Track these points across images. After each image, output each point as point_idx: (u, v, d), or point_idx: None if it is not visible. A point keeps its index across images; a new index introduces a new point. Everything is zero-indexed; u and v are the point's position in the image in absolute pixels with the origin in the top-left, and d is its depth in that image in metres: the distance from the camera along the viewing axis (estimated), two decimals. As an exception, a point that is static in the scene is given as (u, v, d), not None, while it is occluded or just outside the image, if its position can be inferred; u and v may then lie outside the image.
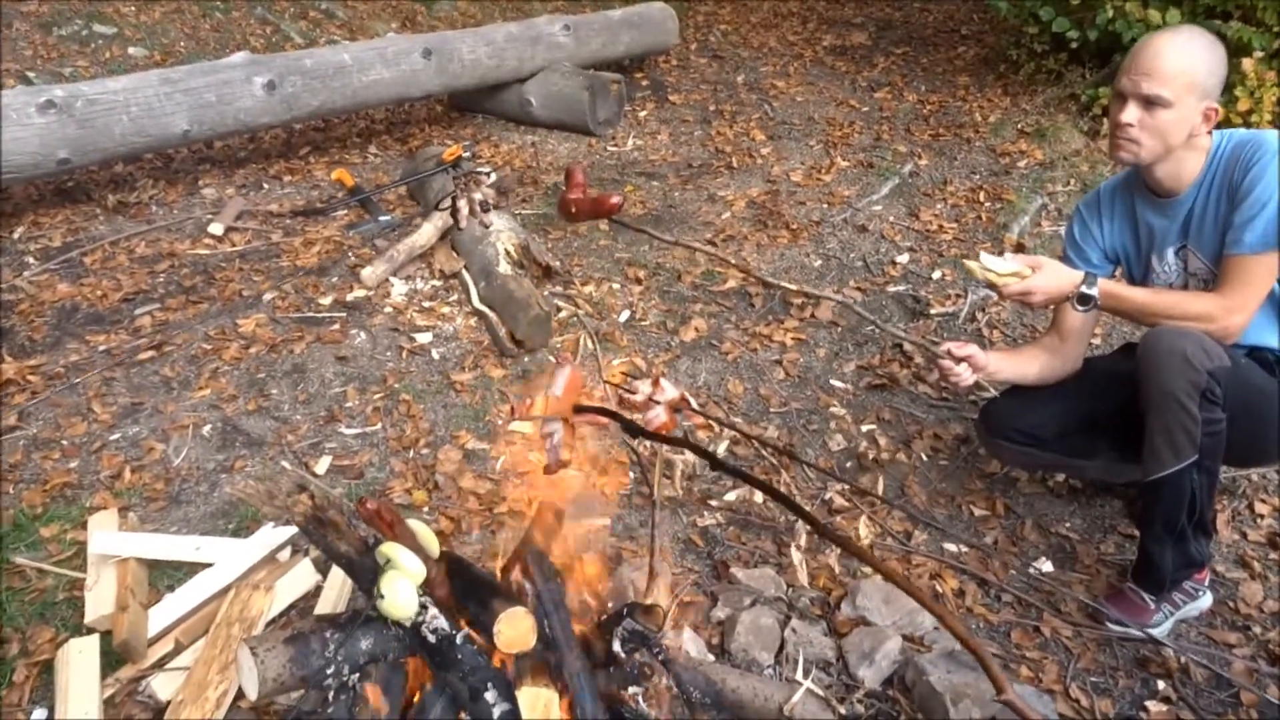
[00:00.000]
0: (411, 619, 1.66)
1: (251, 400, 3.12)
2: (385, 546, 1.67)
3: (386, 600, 1.62)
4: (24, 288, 3.73)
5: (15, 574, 2.38)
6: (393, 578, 1.62)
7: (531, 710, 1.59)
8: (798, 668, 2.14)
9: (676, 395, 1.90)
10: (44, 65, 5.65)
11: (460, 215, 3.90)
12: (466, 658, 1.69)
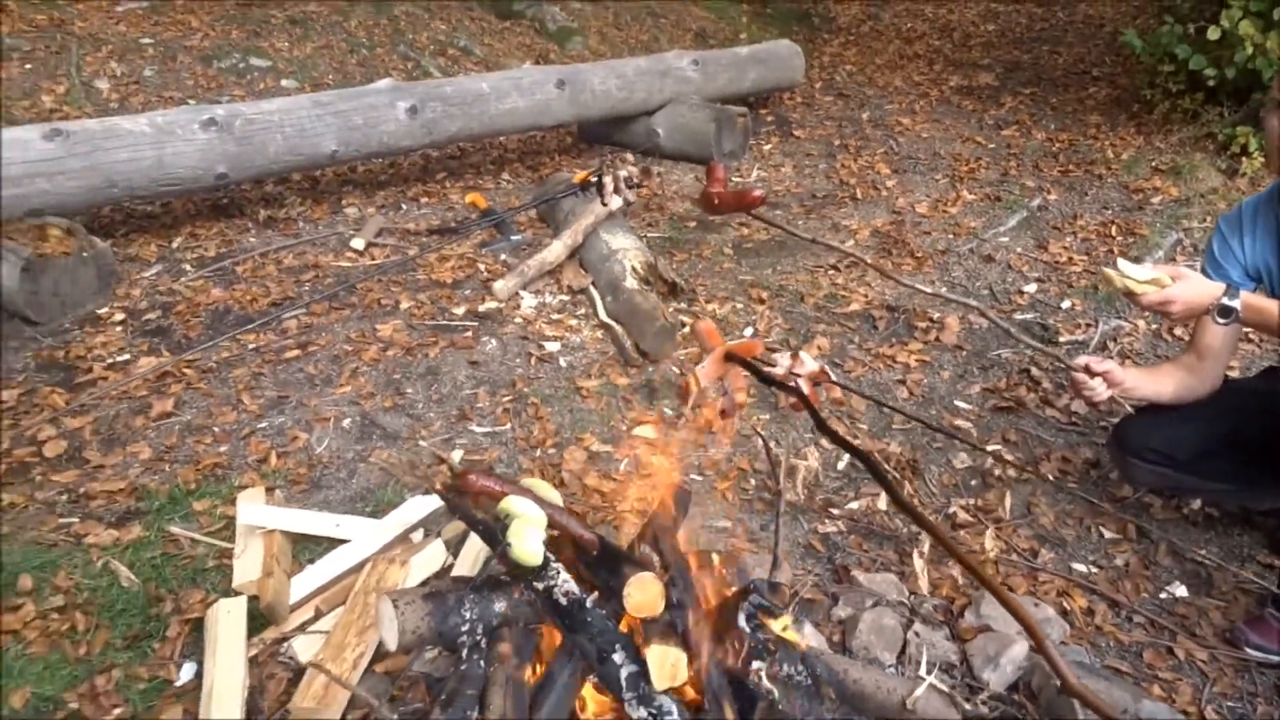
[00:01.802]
0: (539, 563, 1.71)
1: (388, 398, 3.25)
2: (504, 502, 1.73)
3: (514, 548, 1.68)
4: (181, 291, 3.98)
5: (170, 542, 2.53)
6: (518, 526, 1.68)
7: (660, 667, 1.62)
8: (920, 668, 2.11)
9: (816, 368, 1.92)
10: (204, 94, 6.04)
11: (606, 191, 4.04)
12: (595, 621, 1.73)
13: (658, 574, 1.74)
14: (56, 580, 2.37)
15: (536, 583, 1.80)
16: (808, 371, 1.92)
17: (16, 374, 3.35)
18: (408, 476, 2.80)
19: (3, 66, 5.88)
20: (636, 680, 1.66)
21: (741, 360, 1.88)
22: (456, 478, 1.87)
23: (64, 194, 3.91)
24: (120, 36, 6.58)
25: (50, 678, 2.12)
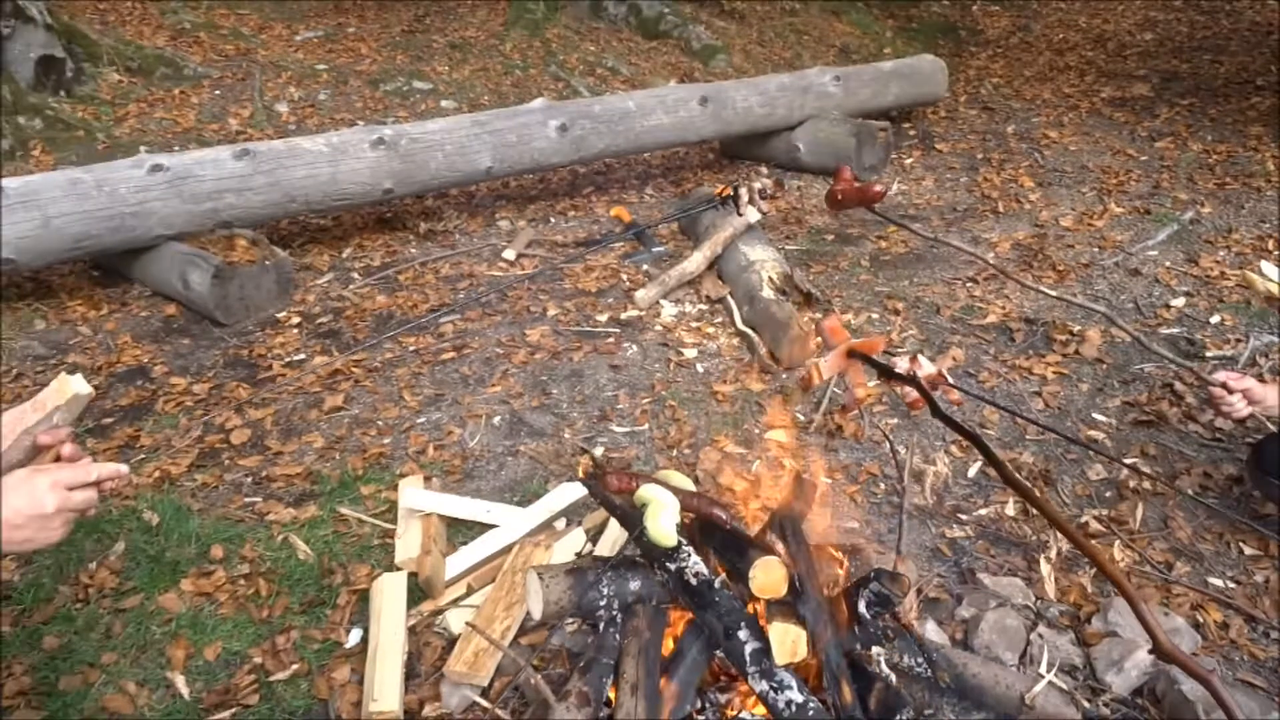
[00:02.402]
0: (673, 544, 1.85)
1: (535, 398, 3.47)
2: (640, 490, 1.88)
3: (650, 529, 1.83)
4: (350, 297, 4.31)
5: (340, 521, 2.79)
6: (653, 510, 1.83)
7: (781, 643, 1.74)
8: (1041, 667, 2.16)
9: (934, 371, 2.01)
10: (371, 115, 6.47)
11: (741, 201, 4.17)
12: (723, 601, 1.87)
13: (782, 559, 1.86)
14: (243, 551, 2.66)
15: (669, 564, 1.95)
16: (925, 374, 2.01)
17: (208, 370, 3.72)
18: (552, 464, 2.99)
19: (196, 92, 6.45)
20: (760, 656, 1.78)
21: (863, 356, 1.98)
22: (597, 469, 2.04)
23: (250, 208, 4.30)
24: (298, 63, 7.11)
25: (238, 635, 2.38)
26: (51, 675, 2.26)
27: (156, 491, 2.93)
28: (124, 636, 2.38)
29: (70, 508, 1.45)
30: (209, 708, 2.19)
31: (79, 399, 1.53)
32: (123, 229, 4.02)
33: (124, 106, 6.13)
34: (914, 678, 1.96)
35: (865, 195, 4.16)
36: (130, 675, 2.27)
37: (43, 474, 1.44)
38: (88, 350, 3.87)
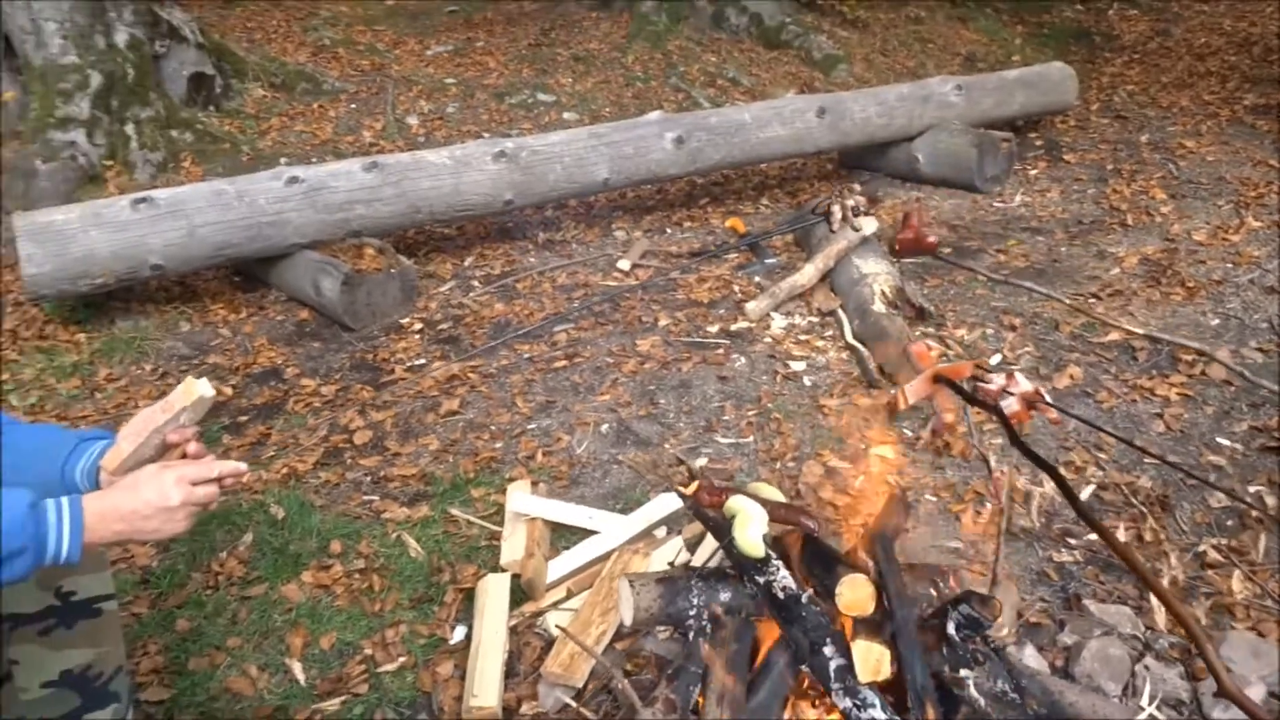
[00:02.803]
0: (760, 555, 1.88)
1: (643, 407, 3.53)
2: (730, 501, 1.92)
3: (738, 539, 1.86)
4: (470, 305, 4.46)
5: (450, 522, 2.91)
6: (741, 520, 1.87)
7: (864, 661, 1.75)
8: (1144, 700, 2.10)
9: (1030, 389, 1.98)
10: (496, 127, 6.67)
11: (833, 219, 4.17)
12: (810, 616, 1.88)
13: (870, 577, 1.87)
14: (360, 547, 2.80)
15: (758, 577, 1.97)
16: (1021, 392, 1.98)
17: (335, 373, 3.91)
18: (650, 474, 3.05)
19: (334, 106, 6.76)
20: (844, 672, 1.80)
21: (949, 382, 1.97)
22: (692, 481, 2.09)
23: (379, 218, 4.50)
24: (429, 77, 7.37)
25: (351, 626, 2.51)
26: (182, 656, 2.43)
27: (283, 487, 3.10)
28: (248, 623, 2.54)
29: (193, 501, 1.57)
30: (322, 694, 2.32)
31: (204, 401, 1.66)
32: (260, 237, 4.26)
33: (267, 120, 6.47)
34: (1005, 703, 1.93)
35: (919, 245, 4.21)
36: (252, 659, 2.42)
37: (170, 469, 1.57)
38: (227, 351, 4.11)
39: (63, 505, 1.51)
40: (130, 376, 3.92)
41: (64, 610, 1.80)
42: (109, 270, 4.02)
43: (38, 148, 5.38)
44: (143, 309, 4.38)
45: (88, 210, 4.04)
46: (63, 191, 5.21)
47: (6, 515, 1.46)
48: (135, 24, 6.04)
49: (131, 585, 2.69)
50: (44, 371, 3.90)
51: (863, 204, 4.29)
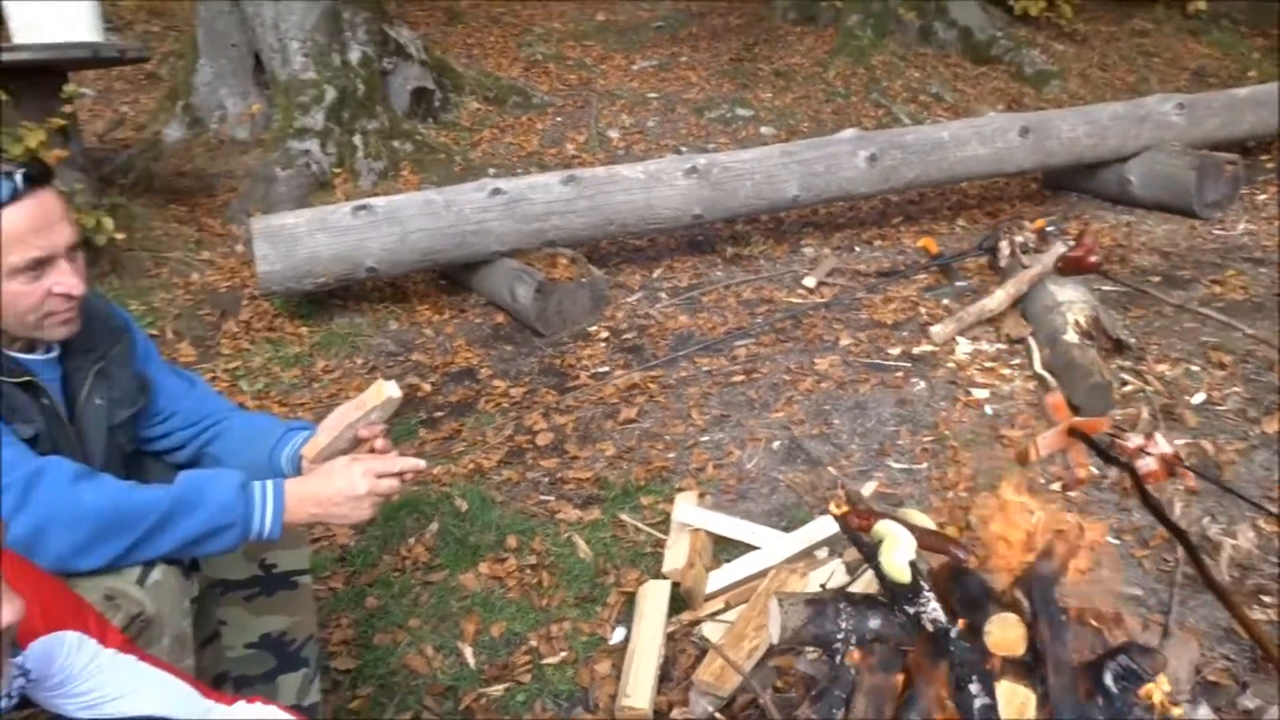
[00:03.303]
0: (906, 580, 1.88)
1: (816, 427, 3.55)
2: (877, 526, 1.93)
3: (884, 563, 1.88)
4: (655, 316, 4.59)
5: (619, 527, 3.03)
6: (888, 545, 1.88)
7: (1009, 703, 1.73)
8: (1328, 774, 1.97)
9: (1169, 451, 1.91)
10: (693, 141, 6.80)
11: (1001, 254, 4.04)
12: (958, 651, 1.87)
13: (1023, 617, 1.84)
14: (533, 544, 2.96)
15: (908, 607, 1.98)
16: (1160, 453, 1.91)
17: (524, 375, 4.12)
18: (808, 495, 3.07)
19: (541, 119, 7.08)
20: (988, 712, 1.78)
21: (1084, 436, 1.92)
22: (846, 502, 2.11)
23: (573, 229, 4.70)
24: (632, 91, 7.60)
25: (520, 618, 2.67)
26: (369, 630, 2.65)
27: (469, 482, 3.31)
28: (428, 606, 2.74)
29: (378, 492, 1.74)
30: (489, 679, 2.48)
31: (392, 401, 1.83)
32: (464, 244, 4.53)
33: (479, 132, 6.85)
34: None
35: (1081, 264, 4.00)
36: (429, 640, 2.61)
37: (358, 462, 1.74)
38: (428, 350, 4.40)
39: (267, 488, 1.71)
40: (343, 369, 4.26)
41: (266, 580, 2.02)
42: (330, 271, 4.38)
43: (277, 156, 5.91)
44: (358, 307, 4.74)
45: (315, 216, 4.43)
46: (296, 196, 5.70)
47: (221, 494, 1.67)
48: (367, 43, 6.53)
49: (330, 562, 2.94)
50: (270, 360, 4.30)
51: (1032, 239, 4.14)
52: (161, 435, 2.01)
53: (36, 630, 1.27)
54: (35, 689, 1.32)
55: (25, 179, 1.57)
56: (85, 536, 1.55)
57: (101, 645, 1.37)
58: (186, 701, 1.44)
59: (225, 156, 6.38)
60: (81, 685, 1.35)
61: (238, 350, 4.39)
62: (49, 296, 1.61)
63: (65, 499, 1.54)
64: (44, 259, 1.59)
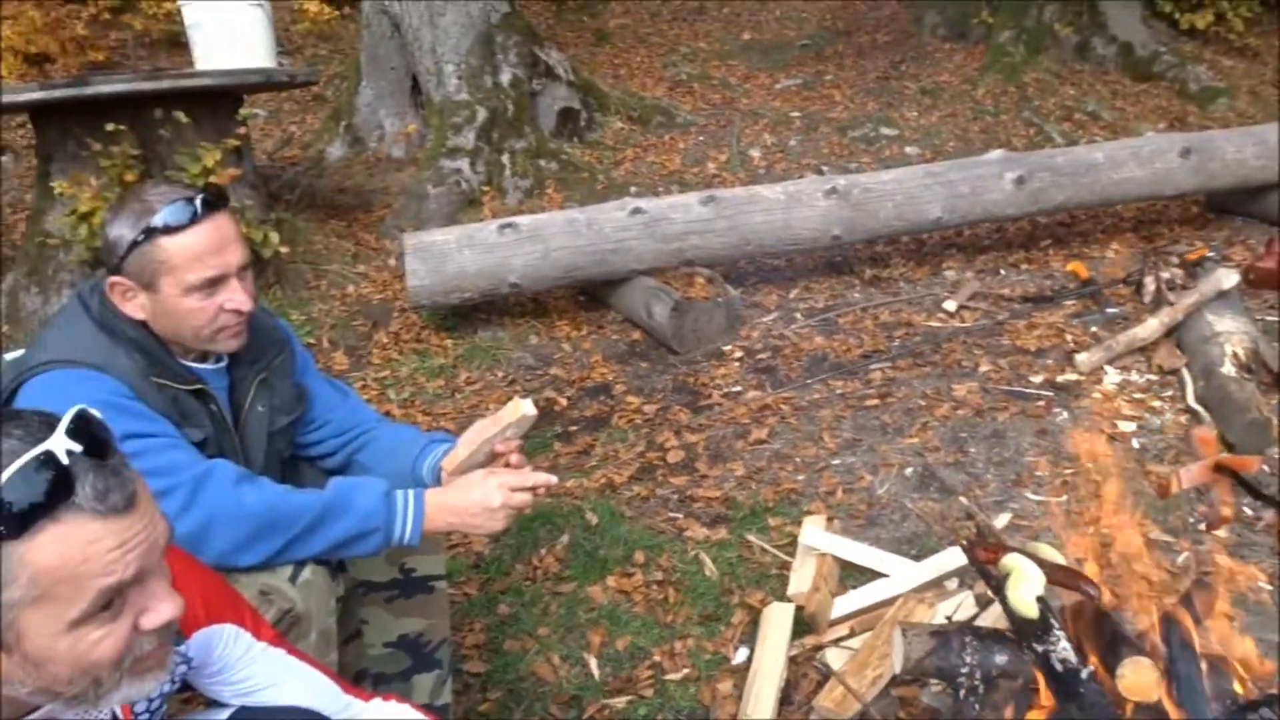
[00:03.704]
0: (1033, 616, 1.85)
1: (951, 454, 3.48)
2: (1006, 559, 1.90)
3: (1010, 598, 1.84)
4: (790, 336, 4.59)
5: (746, 547, 3.05)
6: (1015, 579, 1.84)
7: (1138, 750, 1.68)
8: None
9: None
10: (835, 160, 6.77)
11: (1145, 290, 3.88)
12: (1089, 694, 1.82)
13: (1158, 661, 1.78)
14: (660, 560, 3.01)
15: (1036, 645, 1.93)
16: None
17: (658, 393, 4.18)
18: (937, 525, 3.01)
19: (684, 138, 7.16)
20: (1117, 757, 1.73)
21: (1233, 472, 1.83)
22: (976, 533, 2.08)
23: (711, 249, 4.75)
24: (774, 111, 7.61)
25: (645, 633, 2.72)
26: (499, 636, 2.74)
27: (600, 496, 3.38)
28: (557, 616, 2.82)
29: (511, 505, 1.82)
30: (612, 691, 2.53)
31: (527, 419, 1.91)
32: (604, 263, 4.64)
33: (622, 151, 6.98)
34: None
35: (1277, 276, 3.76)
36: (556, 649, 2.69)
37: (494, 475, 1.83)
38: (566, 365, 4.52)
39: (409, 497, 1.81)
40: (485, 381, 4.42)
41: (405, 584, 2.13)
42: (475, 286, 4.56)
43: (430, 174, 6.17)
44: (500, 321, 4.90)
45: (462, 233, 4.61)
46: (446, 213, 5.94)
47: (367, 501, 1.78)
48: (518, 65, 6.76)
49: (466, 568, 3.06)
50: (417, 371, 4.50)
51: (1179, 278, 3.95)
52: (315, 442, 2.15)
53: (199, 621, 1.38)
54: (195, 675, 1.43)
55: (204, 204, 1.72)
56: (245, 535, 1.68)
57: (255, 638, 1.47)
58: (328, 695, 1.54)
59: (382, 174, 6.71)
60: (236, 674, 1.46)
61: (387, 360, 4.60)
62: (221, 312, 1.75)
63: (229, 499, 1.68)
64: (217, 278, 1.73)
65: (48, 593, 0.99)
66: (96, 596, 1.01)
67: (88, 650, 1.03)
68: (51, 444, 0.99)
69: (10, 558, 0.96)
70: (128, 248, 1.70)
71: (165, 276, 1.70)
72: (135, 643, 1.08)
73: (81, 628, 1.02)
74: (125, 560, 1.02)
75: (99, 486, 1.01)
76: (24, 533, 0.96)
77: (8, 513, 0.95)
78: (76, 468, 0.99)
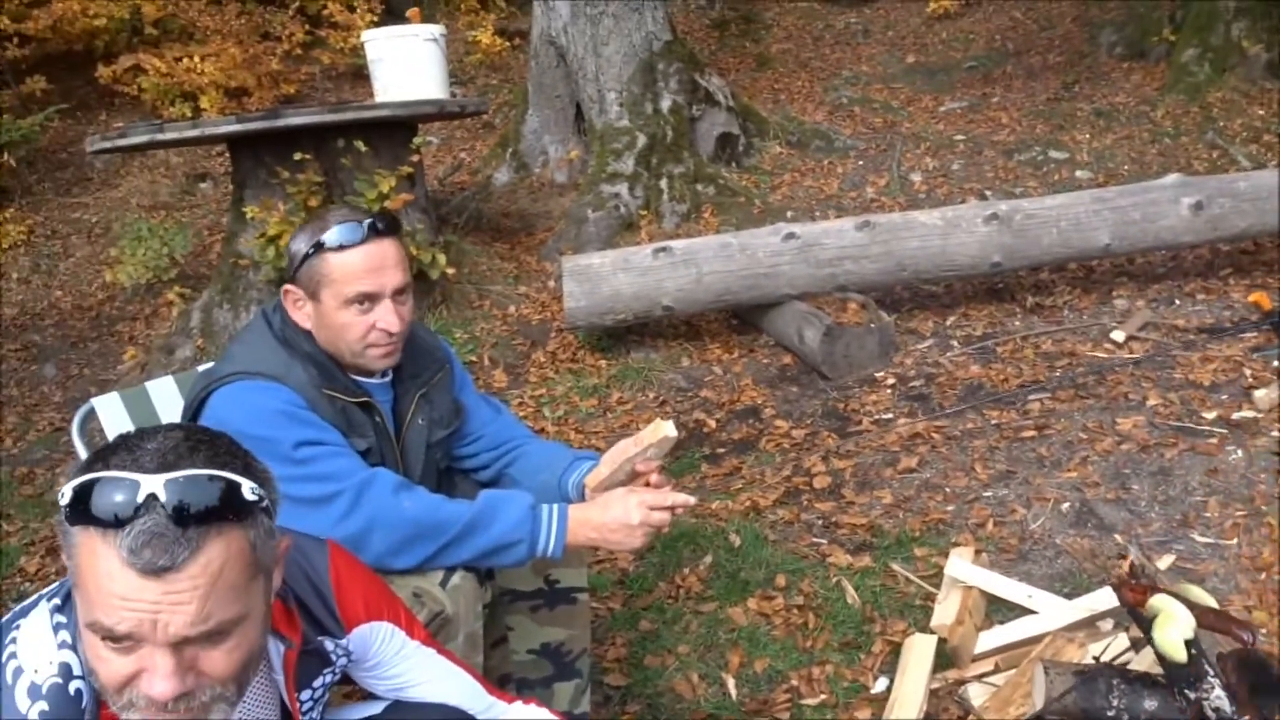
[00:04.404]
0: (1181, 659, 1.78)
1: (1111, 490, 3.35)
2: (1154, 600, 1.83)
3: (1157, 640, 1.78)
4: (945, 364, 4.51)
5: (889, 575, 3.02)
6: (1162, 620, 1.78)
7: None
8: None
9: None
10: (999, 184, 6.59)
11: None
12: (1243, 745, 1.75)
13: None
14: (801, 585, 3.01)
15: (1189, 690, 1.86)
16: None
17: (807, 418, 4.18)
18: (1087, 562, 2.90)
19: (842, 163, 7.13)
20: (1273, 814, 1.65)
21: None
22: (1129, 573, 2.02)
23: (864, 274, 4.72)
24: (937, 134, 7.48)
25: (783, 657, 2.73)
26: (640, 652, 2.81)
27: (744, 518, 3.41)
28: (697, 634, 2.87)
29: (650, 523, 1.88)
30: (749, 712, 2.56)
31: (668, 440, 1.97)
32: (756, 287, 4.68)
33: (780, 176, 7.00)
34: None
35: None
36: (695, 668, 2.73)
37: (634, 494, 1.90)
38: (716, 387, 4.57)
39: (553, 511, 1.90)
40: (636, 401, 4.52)
41: (549, 594, 2.22)
42: (629, 308, 4.67)
43: (590, 198, 6.35)
44: (653, 343, 5.00)
45: (618, 256, 4.74)
46: (604, 236, 6.11)
47: (514, 513, 1.88)
48: (678, 91, 6.89)
49: (610, 584, 3.15)
50: (571, 390, 4.64)
51: None
52: (470, 455, 2.27)
53: (359, 618, 1.49)
54: (354, 668, 1.55)
55: (370, 228, 1.86)
56: (401, 539, 1.80)
57: (409, 636, 1.58)
58: (474, 695, 1.63)
59: (545, 199, 6.95)
60: (391, 669, 1.57)
61: (543, 379, 4.77)
62: (373, 330, 1.88)
63: (389, 505, 1.80)
64: (371, 295, 1.86)
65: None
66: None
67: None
68: (148, 483, 1.04)
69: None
70: (301, 259, 1.87)
71: (326, 288, 1.86)
72: None
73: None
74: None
75: (142, 540, 1.03)
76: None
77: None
78: (143, 510, 1.03)
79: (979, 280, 5.28)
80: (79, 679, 1.15)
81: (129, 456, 1.07)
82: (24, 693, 1.13)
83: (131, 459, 1.06)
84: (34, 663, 1.15)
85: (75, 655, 1.15)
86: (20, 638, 1.17)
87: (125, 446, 1.09)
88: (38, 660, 1.15)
